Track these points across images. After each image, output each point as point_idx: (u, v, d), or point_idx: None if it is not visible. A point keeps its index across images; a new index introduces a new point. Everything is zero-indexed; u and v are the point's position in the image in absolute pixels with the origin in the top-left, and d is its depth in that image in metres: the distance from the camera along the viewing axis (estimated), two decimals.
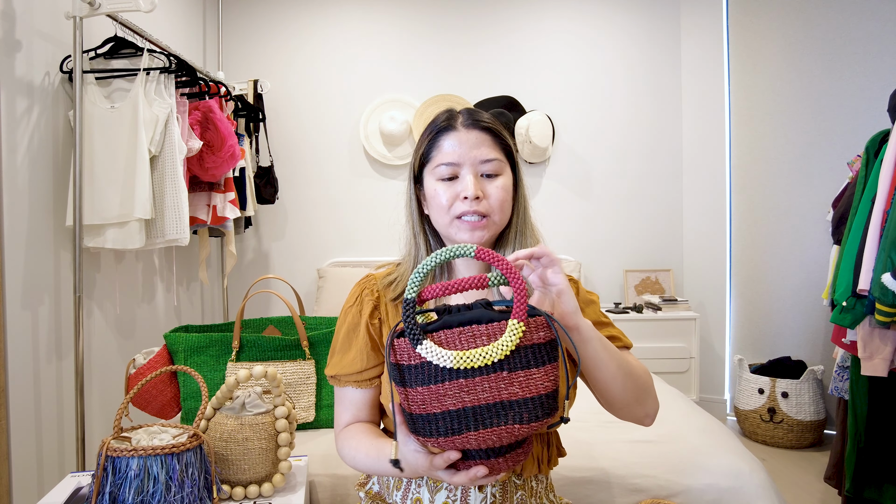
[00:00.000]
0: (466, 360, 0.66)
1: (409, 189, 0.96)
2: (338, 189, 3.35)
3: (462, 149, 0.89)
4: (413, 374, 0.68)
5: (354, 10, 3.35)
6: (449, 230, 0.90)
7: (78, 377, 1.78)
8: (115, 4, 1.81)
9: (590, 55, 3.37)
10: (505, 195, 0.89)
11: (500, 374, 0.66)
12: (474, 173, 0.88)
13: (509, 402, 0.66)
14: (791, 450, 2.74)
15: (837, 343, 1.95)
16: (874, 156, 1.86)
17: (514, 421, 0.66)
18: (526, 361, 0.67)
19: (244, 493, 1.09)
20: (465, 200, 0.87)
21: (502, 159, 0.91)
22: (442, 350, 0.67)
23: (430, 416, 0.67)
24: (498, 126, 0.92)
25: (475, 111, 0.93)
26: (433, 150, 0.92)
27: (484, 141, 0.90)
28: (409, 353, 0.68)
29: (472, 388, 0.66)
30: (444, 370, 0.66)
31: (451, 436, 0.67)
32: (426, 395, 0.67)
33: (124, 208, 1.89)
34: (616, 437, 1.49)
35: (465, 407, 0.66)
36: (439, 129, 0.92)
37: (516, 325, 0.66)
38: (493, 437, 0.66)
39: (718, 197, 3.30)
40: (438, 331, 0.69)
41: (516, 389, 0.66)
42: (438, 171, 0.90)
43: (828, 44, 2.82)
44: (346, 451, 0.91)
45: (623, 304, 3.27)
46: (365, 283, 0.97)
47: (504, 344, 0.66)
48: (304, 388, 1.58)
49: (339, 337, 0.95)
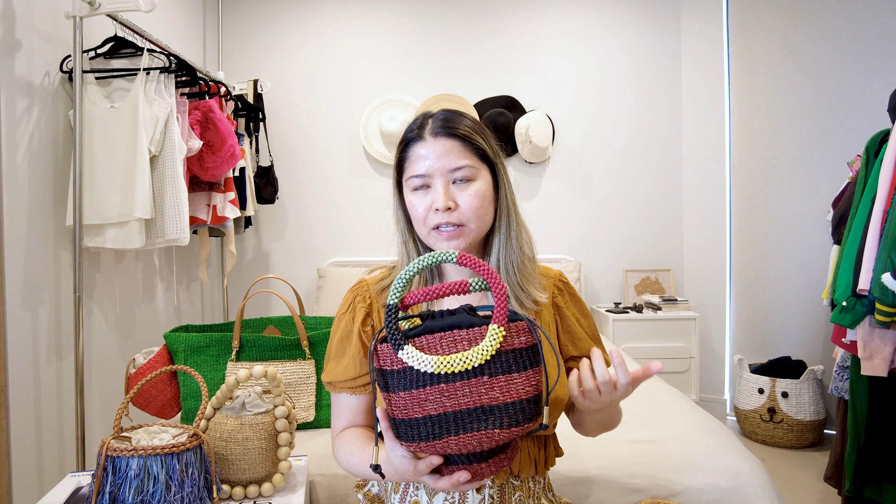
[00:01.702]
0: (447, 364, 0.66)
1: (395, 198, 0.95)
2: (338, 189, 3.35)
3: (430, 159, 0.87)
4: (395, 379, 0.69)
5: (355, 10, 3.35)
6: (428, 240, 0.90)
7: (78, 377, 1.78)
8: (115, 4, 1.81)
9: (590, 55, 3.37)
10: (479, 201, 0.87)
11: (481, 378, 0.66)
12: (445, 182, 0.87)
13: (490, 407, 0.66)
14: (791, 450, 2.74)
15: (837, 343, 1.95)
16: (874, 156, 1.86)
17: (495, 426, 0.66)
18: (507, 366, 0.67)
19: (244, 493, 1.09)
20: (437, 212, 0.86)
21: (475, 164, 0.88)
22: (423, 355, 0.67)
23: (411, 420, 0.68)
24: (470, 130, 0.88)
25: (448, 117, 0.89)
26: (405, 161, 0.91)
27: (452, 148, 0.87)
28: (392, 359, 0.69)
29: (453, 393, 0.66)
30: (425, 375, 0.67)
31: (433, 440, 0.67)
32: (408, 399, 0.68)
33: (124, 208, 1.89)
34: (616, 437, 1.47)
35: (445, 412, 0.66)
36: (409, 140, 0.90)
37: (496, 330, 0.67)
38: (473, 441, 0.66)
39: (718, 197, 3.30)
40: (420, 336, 0.69)
41: (497, 394, 0.66)
42: (412, 183, 0.89)
43: (828, 43, 2.82)
44: (341, 456, 0.92)
45: (623, 304, 3.27)
46: (357, 289, 0.97)
47: (484, 349, 0.66)
48: (304, 388, 1.58)
49: (333, 344, 0.96)
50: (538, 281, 0.94)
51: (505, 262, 0.91)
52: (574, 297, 0.99)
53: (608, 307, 3.22)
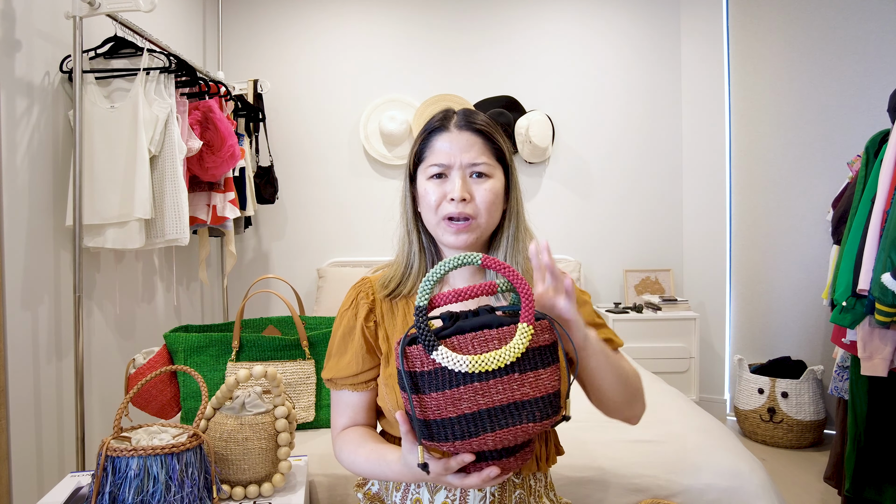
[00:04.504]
0: (481, 363, 0.68)
1: (405, 186, 0.97)
2: (338, 189, 3.35)
3: (453, 150, 0.89)
4: (427, 380, 0.70)
5: (355, 10, 3.35)
6: (436, 230, 0.92)
7: (78, 377, 1.78)
8: (114, 4, 1.81)
9: (590, 55, 3.37)
10: (492, 197, 0.90)
11: (513, 375, 0.68)
12: (463, 175, 0.89)
13: (522, 402, 0.68)
14: (791, 450, 2.74)
15: (837, 343, 1.95)
16: (874, 156, 1.86)
17: (529, 420, 0.68)
18: (534, 363, 0.69)
19: (244, 493, 1.09)
20: (451, 202, 0.88)
21: (492, 163, 0.91)
22: (457, 355, 0.68)
23: (445, 420, 0.69)
24: (492, 129, 0.92)
25: (471, 113, 0.93)
26: (426, 150, 0.93)
27: (475, 143, 0.90)
28: (423, 360, 0.70)
29: (487, 391, 0.68)
30: (459, 375, 0.68)
31: (469, 438, 0.68)
32: (441, 400, 0.69)
33: (124, 208, 1.89)
34: (616, 436, 1.49)
35: (480, 410, 0.68)
36: (433, 129, 0.93)
37: (526, 328, 0.69)
38: (509, 436, 0.68)
39: (718, 197, 3.30)
40: (451, 336, 0.71)
41: (528, 390, 0.68)
42: (429, 171, 0.91)
43: (828, 44, 2.82)
44: (344, 455, 0.91)
45: (623, 304, 3.27)
46: (360, 286, 0.97)
47: (516, 346, 0.68)
48: (304, 388, 1.58)
49: (335, 340, 0.96)
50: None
51: (512, 264, 0.92)
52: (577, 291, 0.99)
53: (608, 307, 3.22)
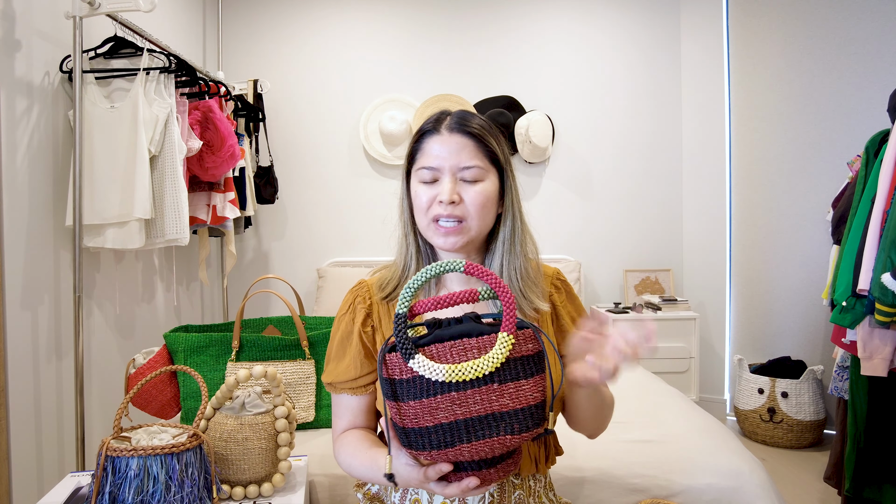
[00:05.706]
0: (458, 373, 0.66)
1: (402, 187, 0.97)
2: (338, 189, 3.35)
3: (443, 153, 0.89)
4: (405, 388, 0.69)
5: (354, 10, 3.35)
6: (427, 232, 0.91)
7: (78, 377, 1.78)
8: (114, 4, 1.81)
9: (590, 55, 3.37)
10: (483, 200, 0.88)
11: (491, 386, 0.67)
12: (453, 178, 0.88)
13: (500, 414, 0.67)
14: (791, 450, 2.74)
15: (837, 343, 1.95)
16: (874, 156, 1.86)
17: (506, 432, 0.67)
18: (515, 373, 0.68)
19: (244, 493, 1.09)
20: (440, 204, 0.88)
21: (485, 166, 0.90)
22: (434, 364, 0.67)
23: (422, 429, 0.68)
24: (485, 132, 0.91)
25: (466, 115, 0.92)
26: (418, 153, 0.93)
27: (465, 146, 0.89)
28: (401, 368, 0.69)
29: (464, 401, 0.67)
30: (436, 384, 0.67)
31: (444, 448, 0.67)
32: (418, 408, 0.68)
33: (124, 208, 1.89)
34: (616, 436, 1.48)
35: (457, 420, 0.67)
36: (425, 132, 0.93)
37: (506, 338, 0.67)
38: (485, 448, 0.67)
39: (718, 197, 3.30)
40: (430, 345, 0.69)
41: (507, 401, 0.67)
42: (420, 174, 0.91)
43: (828, 44, 2.82)
44: (342, 458, 0.92)
45: (623, 304, 3.26)
46: (357, 290, 0.97)
47: (494, 356, 0.67)
48: (304, 388, 1.58)
49: (334, 345, 0.96)
50: (541, 289, 0.94)
51: (508, 269, 0.91)
52: (570, 294, 0.99)
53: (608, 307, 3.22)
